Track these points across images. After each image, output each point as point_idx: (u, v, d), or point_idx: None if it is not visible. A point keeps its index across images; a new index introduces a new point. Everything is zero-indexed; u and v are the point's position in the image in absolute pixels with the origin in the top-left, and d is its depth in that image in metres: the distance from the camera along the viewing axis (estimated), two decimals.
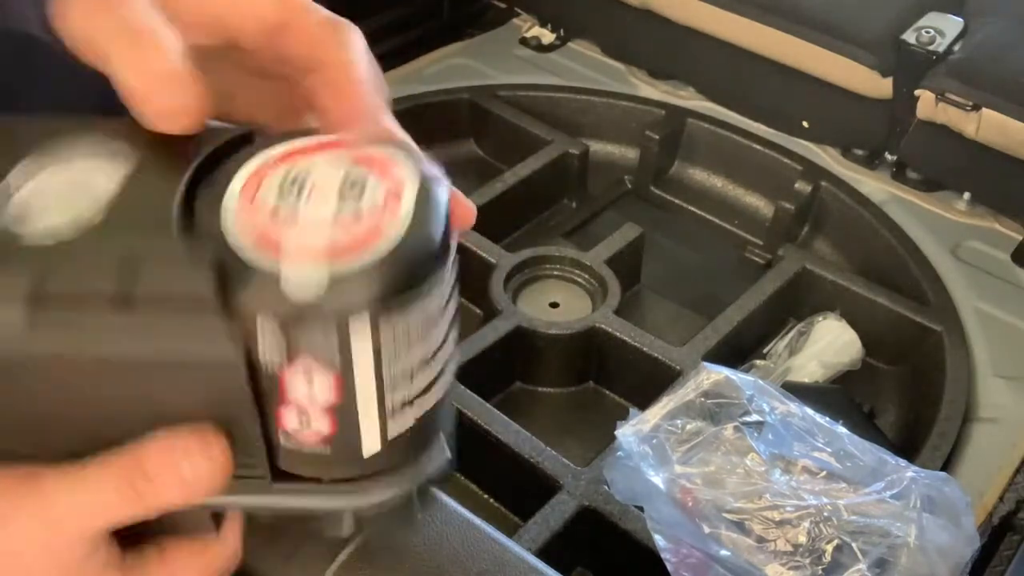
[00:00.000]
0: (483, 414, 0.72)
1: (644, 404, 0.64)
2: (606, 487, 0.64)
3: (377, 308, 0.26)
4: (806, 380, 0.83)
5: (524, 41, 1.22)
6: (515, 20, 1.26)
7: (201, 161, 0.29)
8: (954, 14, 0.96)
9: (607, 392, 0.85)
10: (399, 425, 0.29)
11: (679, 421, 0.61)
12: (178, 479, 0.29)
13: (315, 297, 0.25)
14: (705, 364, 0.64)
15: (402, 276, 0.26)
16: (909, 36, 0.94)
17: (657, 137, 1.04)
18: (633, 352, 0.81)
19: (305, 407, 0.28)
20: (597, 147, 1.08)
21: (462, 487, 0.77)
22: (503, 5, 1.27)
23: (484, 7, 1.28)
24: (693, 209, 1.05)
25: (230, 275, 0.26)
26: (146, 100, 0.29)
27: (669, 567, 0.56)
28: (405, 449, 0.30)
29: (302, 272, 0.25)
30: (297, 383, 0.27)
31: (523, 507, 0.70)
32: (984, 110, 0.87)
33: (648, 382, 0.78)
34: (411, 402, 0.29)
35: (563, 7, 1.21)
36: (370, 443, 0.29)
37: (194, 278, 0.26)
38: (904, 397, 0.85)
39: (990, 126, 0.88)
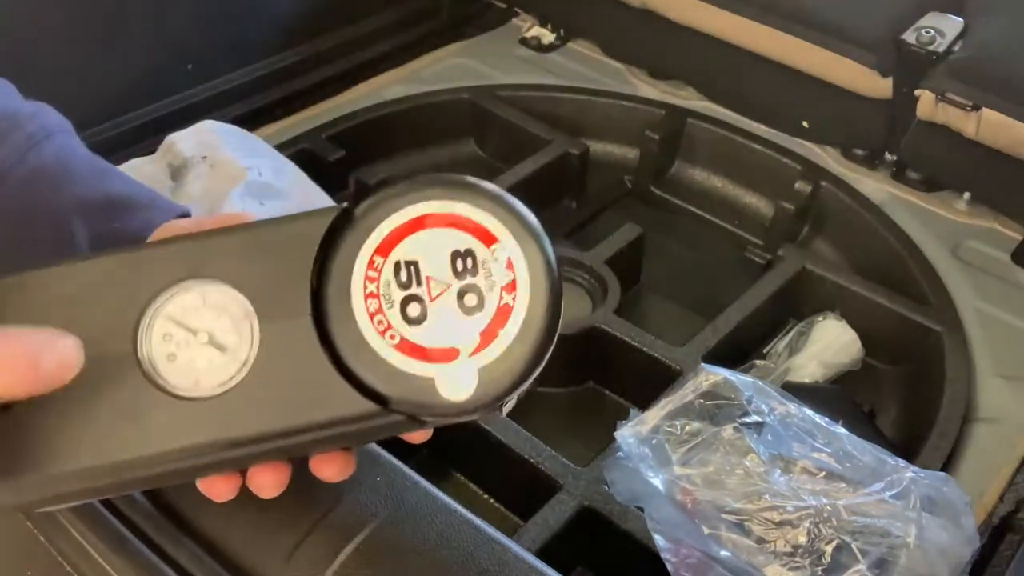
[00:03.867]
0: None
1: (644, 404, 0.64)
2: (606, 487, 0.64)
3: (521, 383, 0.29)
4: (806, 380, 0.83)
5: (524, 41, 1.22)
6: (515, 20, 1.26)
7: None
8: (954, 14, 0.96)
9: (607, 392, 0.85)
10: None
11: (678, 422, 0.61)
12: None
13: (469, 395, 0.28)
14: (704, 365, 0.64)
15: (537, 352, 0.29)
16: (909, 36, 0.94)
17: (657, 137, 1.04)
18: (633, 352, 0.81)
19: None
20: (597, 147, 1.08)
21: (462, 487, 0.77)
22: (503, 5, 1.27)
23: (484, 7, 1.28)
24: (693, 209, 1.05)
25: (392, 395, 0.28)
26: None
27: (669, 567, 0.56)
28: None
29: (455, 375, 0.28)
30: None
31: (523, 507, 0.70)
32: (984, 110, 0.87)
33: (648, 382, 0.78)
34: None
35: (563, 7, 1.21)
36: None
37: (360, 405, 0.28)
38: (904, 397, 0.85)
39: (990, 126, 0.88)
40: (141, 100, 0.97)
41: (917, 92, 0.92)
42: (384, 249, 0.29)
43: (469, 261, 0.28)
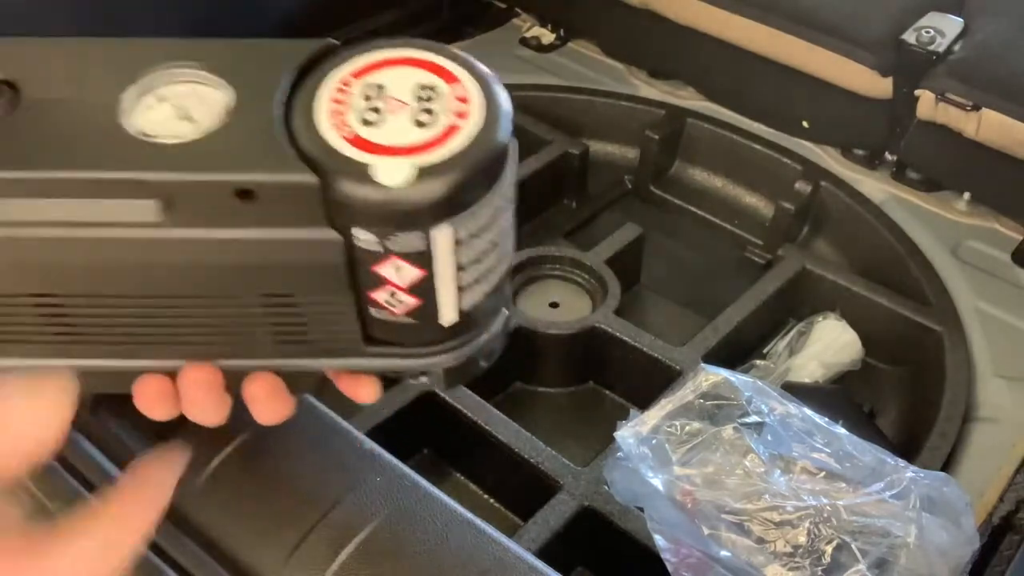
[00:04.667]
0: (483, 414, 0.72)
1: (644, 404, 0.64)
2: (606, 487, 0.64)
3: (456, 198, 0.30)
4: (806, 380, 0.83)
5: (524, 41, 1.22)
6: (515, 20, 1.26)
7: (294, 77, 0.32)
8: (954, 14, 0.96)
9: (607, 392, 0.85)
10: (471, 299, 0.34)
11: (678, 422, 0.61)
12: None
13: (404, 186, 0.30)
14: (704, 365, 0.64)
15: (478, 169, 0.31)
16: (909, 36, 0.94)
17: (657, 137, 1.04)
18: (633, 352, 0.81)
19: (394, 284, 0.32)
20: (597, 147, 1.08)
21: (462, 487, 0.77)
22: (503, 5, 1.27)
23: (484, 7, 1.28)
24: (693, 209, 1.05)
25: (330, 169, 0.30)
26: None
27: (669, 567, 0.56)
28: (476, 317, 0.35)
29: (393, 165, 0.30)
30: (388, 264, 0.32)
31: (523, 507, 0.70)
32: (984, 110, 0.87)
33: (648, 382, 0.78)
34: (480, 280, 0.34)
35: (563, 7, 1.21)
36: (448, 314, 0.34)
37: (301, 171, 0.30)
38: (904, 397, 0.85)
39: (990, 126, 0.88)
40: None
41: (917, 92, 0.92)
42: (359, 73, 0.32)
43: (431, 92, 0.31)
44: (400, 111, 0.31)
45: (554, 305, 0.87)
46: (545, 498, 0.67)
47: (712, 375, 0.63)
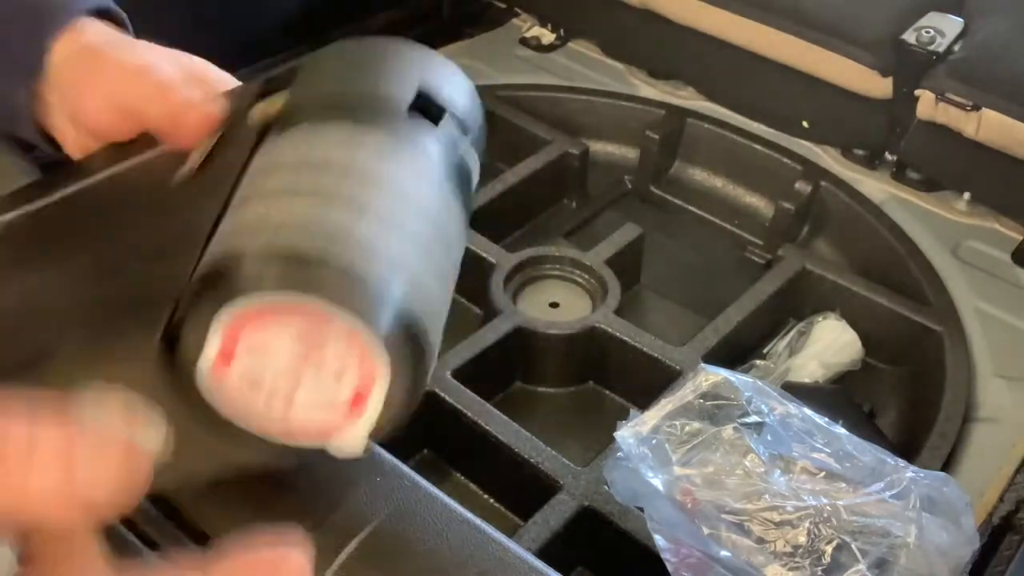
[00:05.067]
0: (483, 414, 0.72)
1: (644, 404, 0.64)
2: (606, 487, 0.64)
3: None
4: (806, 380, 0.83)
5: (524, 41, 1.22)
6: (515, 20, 1.26)
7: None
8: (954, 14, 0.96)
9: (607, 392, 0.85)
10: None
11: (678, 422, 0.61)
12: None
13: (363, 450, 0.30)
14: (703, 365, 0.64)
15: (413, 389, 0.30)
16: (909, 36, 0.94)
17: (657, 137, 1.04)
18: (633, 352, 0.81)
19: None
20: (597, 147, 1.08)
21: (462, 487, 0.77)
22: (503, 5, 1.27)
23: (484, 7, 1.28)
24: (693, 209, 1.05)
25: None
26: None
27: (669, 567, 0.56)
28: None
29: (344, 442, 0.29)
30: None
31: (523, 507, 0.70)
32: (984, 110, 0.87)
33: (648, 382, 0.78)
34: None
35: (563, 7, 1.21)
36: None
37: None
38: (904, 397, 0.85)
39: (990, 126, 0.88)
40: None
41: (917, 92, 0.92)
42: (225, 358, 0.29)
43: (317, 351, 0.28)
44: (299, 388, 0.29)
45: (554, 305, 0.87)
46: (545, 498, 0.67)
47: (712, 375, 0.63)
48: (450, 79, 0.36)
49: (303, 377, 0.28)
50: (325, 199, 0.29)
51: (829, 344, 0.85)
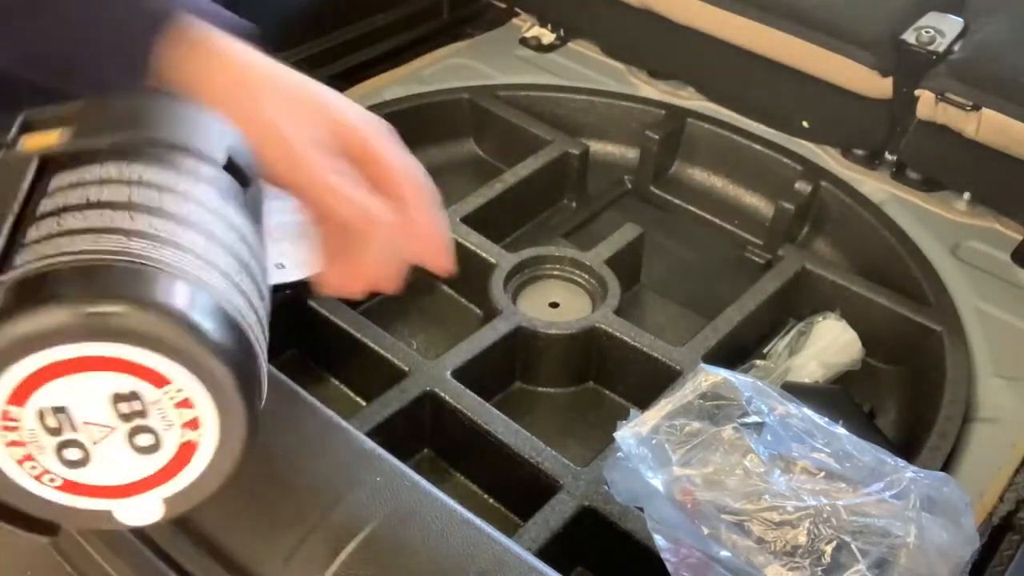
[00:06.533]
0: (483, 414, 0.72)
1: (644, 404, 0.64)
2: (606, 487, 0.64)
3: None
4: (806, 380, 0.83)
5: (524, 41, 1.22)
6: (515, 20, 1.26)
7: None
8: (954, 14, 0.96)
9: (607, 392, 0.85)
10: None
11: (678, 422, 0.61)
12: None
13: (155, 519, 0.26)
14: (703, 366, 0.64)
15: (228, 473, 0.27)
16: (909, 36, 0.94)
17: (657, 137, 1.04)
18: (633, 352, 0.81)
19: None
20: (597, 147, 1.08)
21: (462, 487, 0.77)
22: (503, 5, 1.27)
23: (484, 7, 1.28)
24: (693, 209, 1.05)
25: (50, 516, 0.25)
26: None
27: (669, 567, 0.56)
28: None
29: (136, 507, 0.25)
30: None
31: (523, 507, 0.70)
32: (984, 110, 0.87)
33: (648, 382, 0.78)
34: None
35: (563, 7, 1.21)
36: None
37: (28, 538, 0.26)
38: (904, 397, 0.85)
39: (990, 126, 0.88)
40: None
41: (917, 92, 0.92)
42: (19, 398, 0.25)
43: (136, 404, 0.25)
44: (107, 439, 0.25)
45: (554, 305, 0.87)
46: (545, 498, 0.67)
47: (712, 375, 0.63)
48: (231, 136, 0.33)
49: (115, 427, 0.25)
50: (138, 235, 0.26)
51: (829, 344, 0.85)
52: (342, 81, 1.11)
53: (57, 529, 0.26)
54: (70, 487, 0.25)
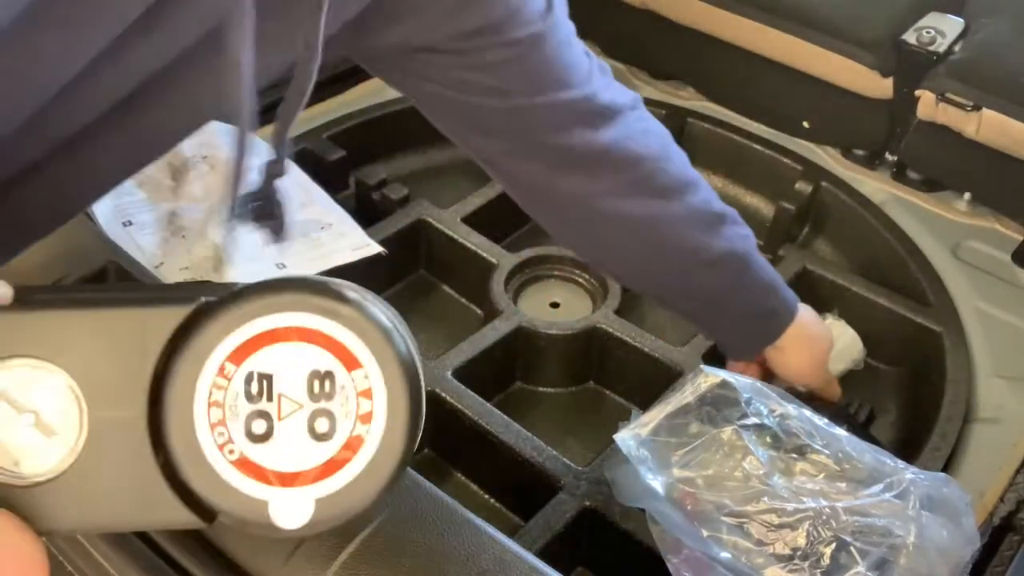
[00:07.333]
0: (483, 414, 0.72)
1: (644, 404, 0.64)
2: (607, 487, 0.64)
3: (355, 515, 0.28)
4: None
5: None
6: None
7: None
8: (954, 14, 0.96)
9: (607, 392, 0.85)
10: None
11: (678, 424, 0.61)
12: None
13: (301, 525, 0.27)
14: (704, 366, 0.64)
15: (381, 490, 0.28)
16: (909, 36, 0.94)
17: None
18: (633, 352, 0.81)
19: None
20: None
21: (462, 487, 0.77)
22: None
23: None
24: None
25: (222, 509, 0.27)
26: None
27: (670, 567, 0.56)
28: None
29: (292, 504, 0.27)
30: None
31: (523, 507, 0.70)
32: (984, 110, 0.87)
33: (648, 382, 0.78)
34: None
35: None
36: None
37: (186, 518, 0.27)
38: (904, 397, 0.85)
39: (990, 126, 0.88)
40: None
41: (917, 92, 0.92)
42: (238, 356, 0.27)
43: (327, 384, 0.27)
44: (293, 417, 0.27)
45: (555, 305, 0.87)
46: (546, 498, 0.67)
47: (712, 376, 0.63)
48: None
49: (304, 405, 0.27)
50: None
51: None
52: (344, 80, 1.11)
53: (214, 516, 0.27)
54: (243, 464, 0.26)
